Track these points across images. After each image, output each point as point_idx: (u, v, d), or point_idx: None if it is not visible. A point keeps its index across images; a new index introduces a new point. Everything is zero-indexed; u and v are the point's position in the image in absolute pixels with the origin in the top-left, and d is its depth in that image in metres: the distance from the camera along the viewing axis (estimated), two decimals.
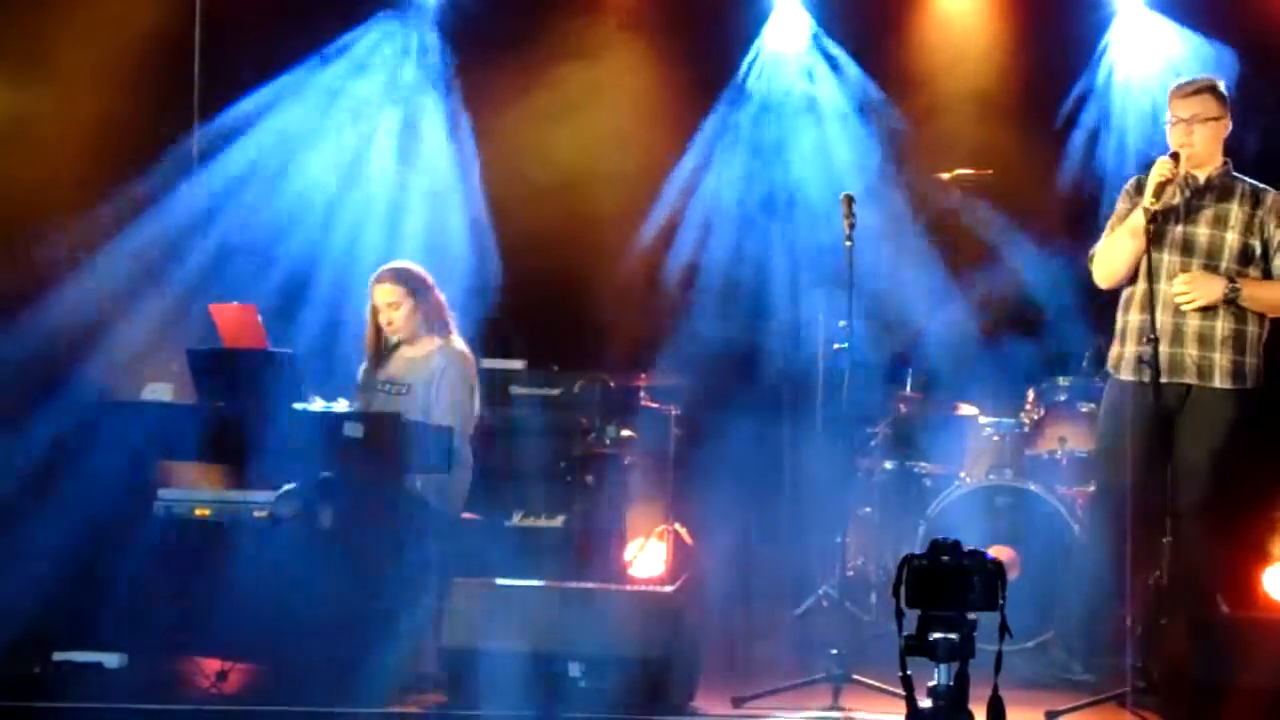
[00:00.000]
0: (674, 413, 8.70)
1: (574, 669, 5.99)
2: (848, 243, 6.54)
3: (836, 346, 6.70)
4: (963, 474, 8.10)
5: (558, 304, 8.89)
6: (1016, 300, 8.42)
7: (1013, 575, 6.91)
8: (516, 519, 7.79)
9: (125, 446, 6.48)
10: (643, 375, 8.72)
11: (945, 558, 4.16)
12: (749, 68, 9.56)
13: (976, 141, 8.85)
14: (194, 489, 6.81)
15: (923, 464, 8.35)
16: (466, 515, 7.08)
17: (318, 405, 6.71)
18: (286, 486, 6.47)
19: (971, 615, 4.15)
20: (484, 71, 9.35)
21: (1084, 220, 7.83)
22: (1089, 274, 6.76)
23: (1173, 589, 6.05)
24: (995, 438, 8.09)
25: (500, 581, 6.35)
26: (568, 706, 5.89)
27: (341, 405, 6.83)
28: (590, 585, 6.57)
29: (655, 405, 8.71)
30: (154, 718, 5.97)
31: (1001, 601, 4.14)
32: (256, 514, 6.49)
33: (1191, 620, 6.05)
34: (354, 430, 6.40)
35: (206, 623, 6.23)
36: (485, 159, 9.28)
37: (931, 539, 4.23)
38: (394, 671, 6.23)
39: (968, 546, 4.20)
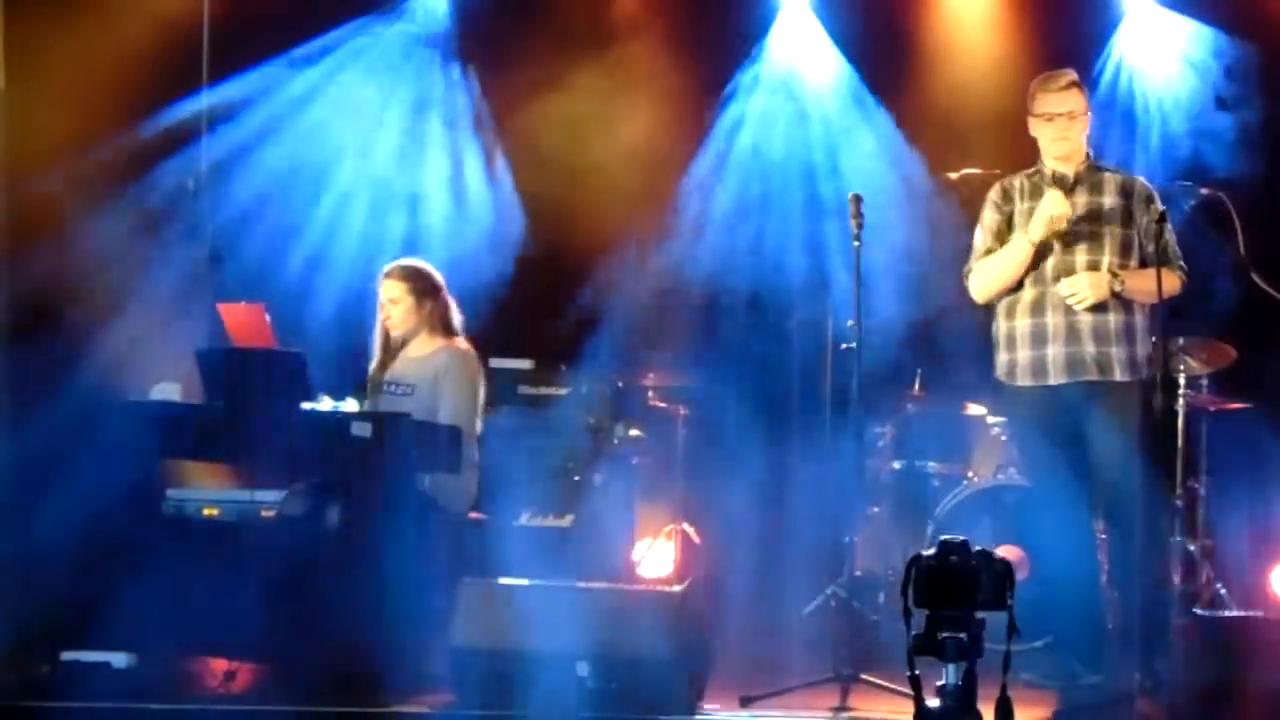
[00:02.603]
0: (682, 412, 8.70)
1: (582, 669, 6.00)
2: (856, 243, 6.54)
3: (845, 346, 6.69)
4: (971, 474, 8.09)
5: (566, 303, 8.89)
6: None
7: (1021, 575, 6.90)
8: (524, 519, 7.79)
9: (133, 446, 6.49)
10: (651, 375, 8.72)
11: (953, 557, 4.16)
12: (756, 68, 9.55)
13: (984, 141, 8.83)
14: (202, 488, 6.83)
15: (931, 464, 8.33)
16: (474, 515, 7.08)
17: (326, 405, 6.72)
18: (294, 486, 6.47)
19: (980, 615, 4.14)
20: (495, 71, 9.35)
21: None
22: None
23: (1123, 584, 6.07)
24: (1003, 437, 8.08)
25: (508, 581, 6.35)
26: (576, 706, 5.89)
27: (350, 405, 6.84)
28: (598, 585, 6.57)
29: (663, 405, 8.71)
30: (162, 717, 5.97)
31: (1010, 601, 4.14)
32: (264, 513, 6.51)
33: (1149, 616, 6.07)
34: (362, 430, 6.40)
35: (214, 622, 6.24)
36: (493, 157, 9.28)
37: (940, 539, 4.23)
38: (402, 671, 6.24)
39: (976, 546, 4.20)
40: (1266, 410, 8.13)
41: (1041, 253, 6.56)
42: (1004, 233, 6.70)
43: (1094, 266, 6.51)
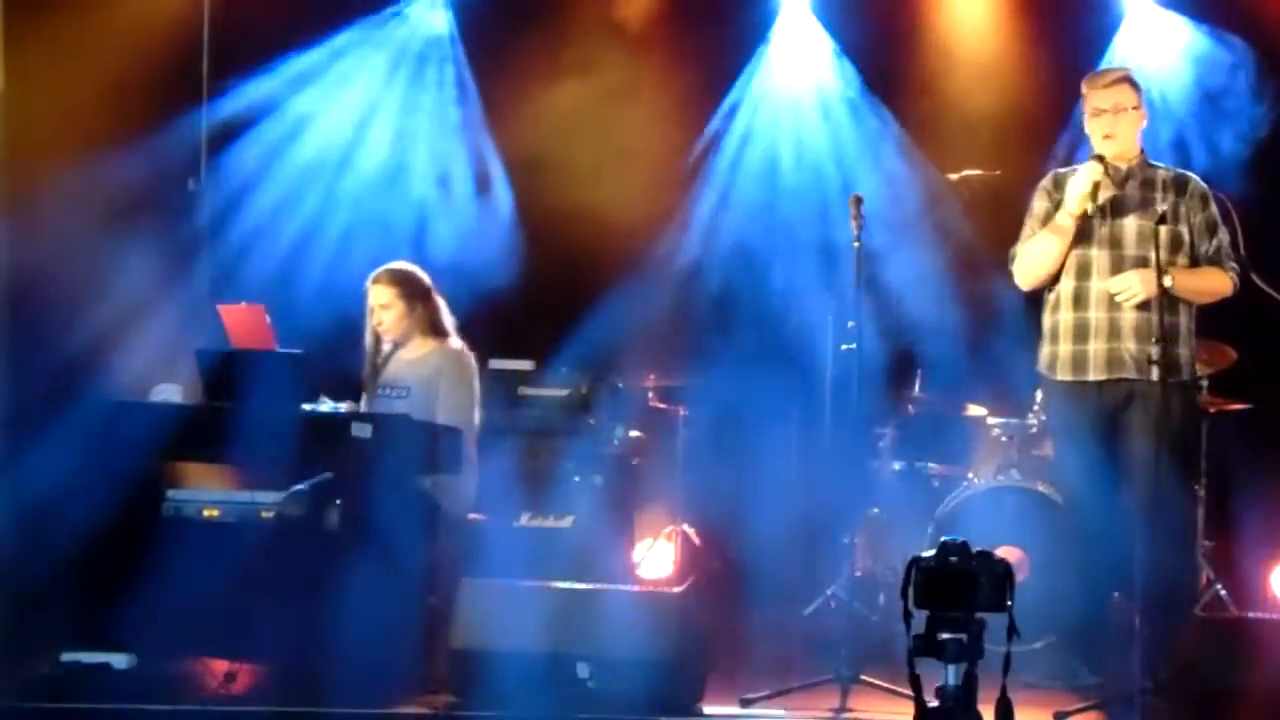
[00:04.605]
0: (682, 413, 8.70)
1: (583, 670, 6.00)
2: (856, 244, 6.54)
3: (845, 347, 6.69)
4: (971, 475, 8.09)
5: (567, 304, 8.88)
6: (1024, 300, 8.41)
7: (1021, 576, 6.91)
8: (525, 519, 7.78)
9: (134, 447, 6.49)
10: (651, 376, 8.72)
11: (954, 559, 4.17)
12: (758, 68, 9.56)
13: (987, 142, 8.83)
14: (202, 490, 6.82)
15: (931, 465, 8.34)
16: (474, 516, 7.08)
17: (326, 406, 6.71)
18: (294, 487, 6.47)
19: (980, 616, 4.15)
20: (496, 72, 9.35)
21: None
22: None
23: (1148, 588, 6.05)
24: (1004, 438, 8.08)
25: (509, 582, 6.35)
26: (576, 707, 5.89)
27: (350, 406, 6.84)
28: (599, 586, 6.57)
29: (664, 406, 8.71)
30: (162, 718, 5.97)
31: (1010, 602, 4.14)
32: (264, 514, 6.50)
33: (1170, 620, 6.06)
34: (362, 431, 6.40)
35: (214, 623, 6.24)
36: (495, 158, 9.28)
37: (940, 540, 4.23)
38: (403, 672, 6.24)
39: (976, 547, 4.20)
40: (1267, 411, 8.13)
41: (1088, 248, 6.54)
42: (1052, 220, 6.68)
43: (1143, 263, 6.48)
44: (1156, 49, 9.17)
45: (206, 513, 6.56)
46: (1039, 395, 7.87)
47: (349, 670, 6.05)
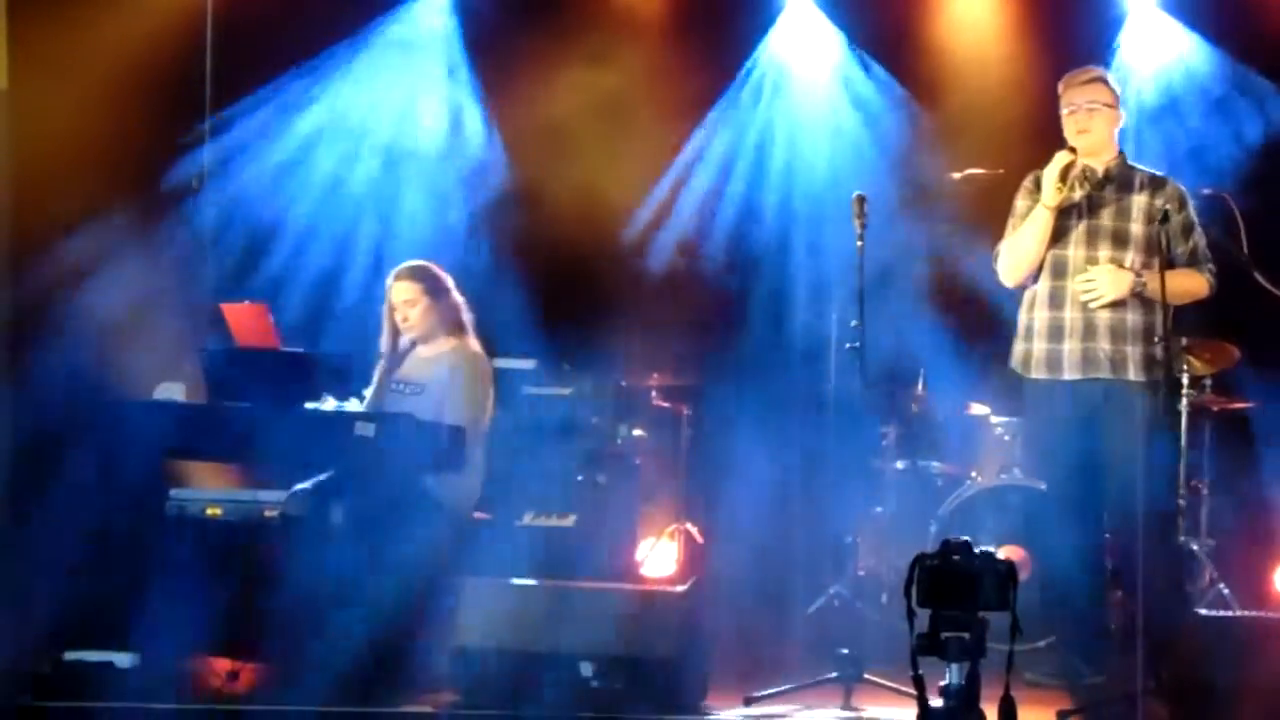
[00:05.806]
0: (685, 412, 8.70)
1: (585, 668, 6.00)
2: (859, 243, 6.54)
3: (849, 346, 6.69)
4: (974, 473, 8.10)
5: (570, 303, 8.89)
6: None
7: (1024, 575, 6.91)
8: (528, 518, 7.79)
9: (137, 446, 6.49)
10: (654, 375, 8.72)
11: (957, 557, 4.17)
12: (760, 67, 9.55)
13: (990, 141, 8.83)
14: (206, 488, 6.83)
15: (934, 464, 8.35)
16: (478, 515, 7.08)
17: (330, 405, 6.72)
18: (298, 486, 6.48)
19: (982, 615, 4.15)
20: (499, 70, 9.34)
21: None
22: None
23: (1130, 589, 6.06)
24: (1006, 437, 8.08)
25: (512, 581, 6.36)
26: (579, 706, 5.89)
27: (353, 405, 6.84)
28: (602, 585, 6.57)
29: (666, 405, 8.71)
30: (165, 717, 5.98)
31: (1012, 601, 4.15)
32: (268, 513, 6.50)
33: (1157, 621, 6.06)
34: (365, 430, 6.40)
35: (218, 622, 6.24)
36: (497, 158, 9.28)
37: (943, 539, 4.24)
38: (406, 671, 6.24)
39: (979, 546, 4.21)
40: (1269, 410, 8.13)
41: (1064, 248, 6.55)
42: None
43: (1118, 264, 6.50)
44: (1159, 53, 9.18)
45: (210, 511, 6.56)
46: None
47: (351, 669, 6.06)
